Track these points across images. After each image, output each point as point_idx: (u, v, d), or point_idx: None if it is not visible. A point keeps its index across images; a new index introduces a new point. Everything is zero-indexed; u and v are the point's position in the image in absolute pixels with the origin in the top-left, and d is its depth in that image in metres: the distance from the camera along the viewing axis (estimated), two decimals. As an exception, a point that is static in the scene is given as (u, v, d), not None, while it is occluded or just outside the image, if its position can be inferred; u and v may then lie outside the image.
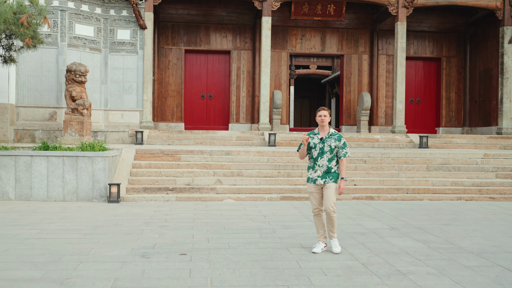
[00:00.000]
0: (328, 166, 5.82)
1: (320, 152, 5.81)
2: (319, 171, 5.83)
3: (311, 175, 5.91)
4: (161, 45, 17.49)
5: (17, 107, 13.94)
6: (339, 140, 5.86)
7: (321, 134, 5.90)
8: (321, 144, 5.82)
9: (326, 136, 5.85)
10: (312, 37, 18.33)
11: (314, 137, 5.93)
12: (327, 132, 5.89)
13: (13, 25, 10.02)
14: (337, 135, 5.90)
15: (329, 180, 5.81)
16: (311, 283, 4.62)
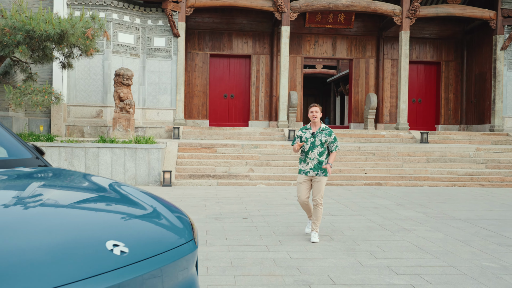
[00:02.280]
0: (319, 160, 6.14)
1: (311, 146, 6.13)
2: (311, 164, 6.15)
3: (302, 167, 6.23)
4: (189, 50, 19.45)
5: (68, 106, 15.93)
6: (330, 135, 6.16)
7: (312, 129, 6.21)
8: (312, 138, 6.14)
9: (317, 131, 6.16)
10: (324, 43, 20.29)
11: (306, 132, 6.24)
12: (319, 127, 6.20)
13: (81, 38, 11.99)
14: (328, 130, 6.20)
15: (321, 173, 6.16)
16: (344, 234, 6.62)
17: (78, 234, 1.94)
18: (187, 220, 2.54)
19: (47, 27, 11.15)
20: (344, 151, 14.10)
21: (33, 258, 1.66)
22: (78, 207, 2.31)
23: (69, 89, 15.89)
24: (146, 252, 2.03)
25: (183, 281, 2.27)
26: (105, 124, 16.00)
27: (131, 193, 2.64)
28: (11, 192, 2.36)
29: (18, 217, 1.97)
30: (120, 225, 2.16)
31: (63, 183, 2.70)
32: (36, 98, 11.57)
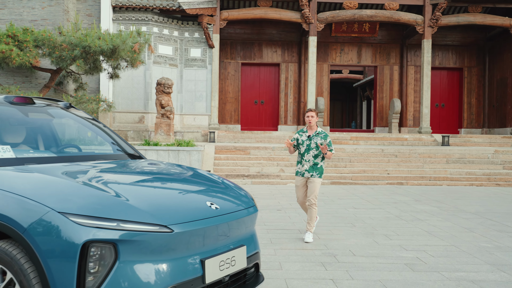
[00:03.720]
0: (314, 162, 6.33)
1: (307, 149, 6.34)
2: (306, 166, 6.35)
3: (299, 169, 6.43)
4: (222, 59, 20.76)
5: (114, 112, 17.41)
6: (325, 138, 6.35)
7: (309, 132, 6.43)
8: (308, 141, 6.35)
9: (313, 134, 6.37)
10: (349, 51, 21.34)
11: (302, 135, 6.45)
12: (315, 130, 6.41)
13: (129, 52, 13.39)
14: (323, 134, 6.39)
15: (316, 175, 6.34)
16: (365, 222, 7.72)
17: (191, 196, 3.20)
18: (249, 194, 3.76)
19: (101, 43, 12.59)
20: (368, 153, 15.14)
21: (175, 204, 2.92)
22: (184, 180, 3.58)
23: (114, 97, 17.37)
24: (229, 209, 3.24)
25: (249, 231, 3.49)
26: (147, 129, 17.41)
27: (210, 175, 3.88)
28: (137, 170, 3.63)
29: (158, 181, 3.24)
30: (212, 193, 3.40)
31: (162, 167, 3.95)
32: (91, 106, 13.02)
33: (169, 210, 2.89)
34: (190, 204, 3.10)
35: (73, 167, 3.41)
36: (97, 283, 2.58)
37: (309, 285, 4.50)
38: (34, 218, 2.64)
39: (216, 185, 3.66)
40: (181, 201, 3.15)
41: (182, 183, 3.60)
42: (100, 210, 2.67)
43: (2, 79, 15.29)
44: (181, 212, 2.93)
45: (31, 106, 4.11)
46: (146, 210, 2.78)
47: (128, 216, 2.70)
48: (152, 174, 3.73)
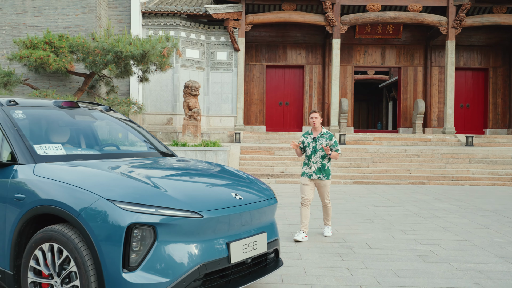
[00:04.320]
0: (322, 163, 6.37)
1: (313, 150, 6.38)
2: (314, 167, 6.39)
3: (306, 170, 6.47)
4: (247, 62, 21.24)
5: (143, 114, 18.07)
6: (330, 139, 6.39)
7: (314, 134, 6.46)
8: (314, 143, 6.38)
9: (318, 136, 6.39)
10: (373, 52, 21.56)
11: (307, 137, 6.49)
12: (319, 132, 6.43)
13: (159, 56, 13.98)
14: (329, 135, 6.41)
15: (323, 178, 6.40)
16: (383, 219, 8.06)
17: (218, 188, 3.69)
18: (270, 187, 4.19)
19: (132, 48, 13.21)
20: (391, 153, 15.39)
21: (204, 194, 3.39)
22: (212, 175, 4.05)
23: (144, 100, 18.02)
24: (251, 199, 3.68)
25: (269, 219, 3.94)
26: (175, 130, 18.01)
27: (234, 170, 4.33)
28: (171, 166, 4.11)
29: (190, 175, 3.73)
30: (236, 186, 3.85)
31: (192, 163, 4.42)
32: (122, 108, 13.65)
33: (199, 199, 3.35)
34: (217, 195, 3.57)
35: (116, 163, 3.91)
36: (139, 260, 3.05)
37: (325, 272, 4.91)
38: (86, 204, 3.13)
39: (240, 179, 4.12)
40: (209, 191, 3.62)
41: (210, 177, 4.08)
42: (142, 198, 3.15)
43: (39, 83, 16.10)
44: (209, 201, 3.39)
45: (76, 110, 4.64)
46: (180, 199, 3.25)
47: (165, 203, 3.17)
48: (184, 169, 4.21)
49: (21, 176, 3.55)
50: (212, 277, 3.32)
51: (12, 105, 4.14)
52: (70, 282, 3.17)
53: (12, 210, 3.49)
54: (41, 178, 3.45)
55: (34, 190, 3.42)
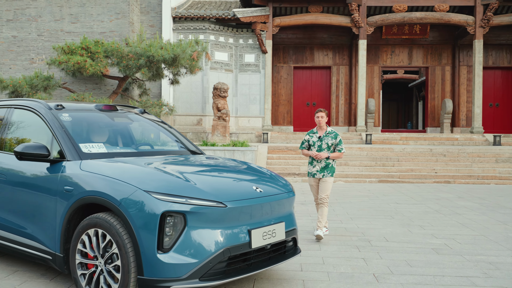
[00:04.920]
0: (326, 162, 6.36)
1: (318, 149, 6.36)
2: (318, 166, 6.37)
3: (310, 170, 6.47)
4: (275, 63, 21.66)
5: (174, 115, 18.70)
6: (335, 138, 6.38)
7: (319, 133, 6.45)
8: (319, 142, 6.37)
9: (323, 135, 6.39)
10: (400, 52, 21.67)
11: (313, 136, 6.48)
12: (325, 131, 6.42)
13: (189, 60, 14.54)
14: (334, 134, 6.41)
15: (327, 174, 6.37)
16: (404, 215, 8.35)
17: (241, 182, 4.13)
18: (288, 182, 4.61)
19: (163, 53, 13.81)
20: (417, 152, 15.55)
21: (228, 187, 3.84)
22: (236, 170, 4.50)
23: (174, 101, 18.66)
24: (270, 192, 4.11)
25: (288, 211, 4.36)
26: (204, 130, 18.58)
27: (257, 166, 4.77)
28: (199, 162, 4.57)
29: (216, 171, 4.19)
30: (258, 180, 4.29)
31: (219, 161, 4.87)
32: (154, 110, 14.26)
33: (223, 191, 3.80)
34: (240, 187, 4.01)
35: (150, 159, 4.40)
36: (172, 243, 3.52)
37: (342, 262, 5.29)
38: (126, 195, 3.62)
39: (262, 175, 4.55)
40: (233, 185, 4.07)
41: (234, 172, 4.53)
42: (174, 190, 3.62)
43: (76, 87, 16.90)
44: (232, 192, 3.84)
45: (115, 112, 5.16)
46: (207, 191, 3.71)
47: (194, 194, 3.63)
48: (211, 165, 4.67)
49: (69, 171, 4.07)
50: (235, 260, 3.76)
51: (60, 109, 4.68)
52: (113, 262, 3.66)
53: (62, 201, 4.01)
54: (87, 172, 3.96)
55: (80, 183, 3.92)
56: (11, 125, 4.92)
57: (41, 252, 4.20)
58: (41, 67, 16.98)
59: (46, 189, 4.15)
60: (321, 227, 6.36)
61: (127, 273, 3.54)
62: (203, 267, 3.52)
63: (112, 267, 3.65)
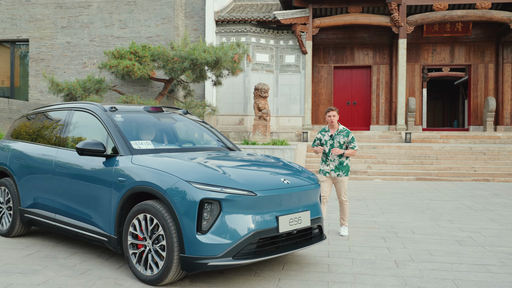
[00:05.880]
0: (340, 160, 6.37)
1: (330, 148, 6.39)
2: (331, 165, 6.39)
3: (323, 168, 6.48)
4: (315, 63, 22.02)
5: (217, 116, 19.40)
6: (347, 136, 6.40)
7: (331, 131, 6.48)
8: (331, 140, 6.40)
9: (335, 133, 6.42)
10: (442, 50, 21.57)
11: (324, 134, 6.51)
12: (337, 129, 6.44)
13: (230, 62, 15.16)
14: (345, 131, 6.43)
15: (342, 174, 6.40)
16: (435, 211, 8.64)
17: (270, 174, 4.66)
18: (315, 176, 5.09)
19: (206, 56, 14.49)
20: (456, 151, 15.59)
21: (258, 178, 4.37)
22: (267, 165, 5.03)
23: (217, 102, 19.37)
24: (296, 183, 4.62)
25: (313, 201, 4.84)
26: (246, 130, 19.19)
27: (287, 161, 5.28)
28: (234, 157, 5.13)
29: (249, 165, 4.74)
30: (286, 173, 4.80)
31: (253, 156, 5.41)
32: (198, 110, 14.98)
33: (254, 182, 4.33)
34: (269, 179, 4.54)
35: (192, 155, 4.99)
36: (209, 226, 4.07)
37: (367, 250, 5.72)
38: (170, 185, 4.21)
39: (291, 168, 5.06)
40: (263, 176, 4.60)
41: (265, 166, 5.06)
42: (211, 180, 4.18)
43: (124, 89, 17.87)
44: (262, 183, 4.37)
45: (161, 113, 5.80)
46: (240, 181, 4.25)
47: (228, 184, 4.18)
48: (245, 160, 5.22)
49: (122, 164, 4.71)
50: (265, 243, 4.27)
51: (113, 111, 5.34)
52: (159, 242, 4.26)
53: (116, 190, 4.65)
54: (137, 165, 4.58)
55: (132, 175, 4.55)
56: (72, 125, 5.63)
57: (98, 235, 4.86)
58: (93, 70, 18.05)
59: (103, 180, 4.81)
60: (345, 224, 6.53)
61: (171, 251, 4.13)
62: (236, 247, 4.06)
63: (159, 247, 4.25)
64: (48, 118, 6.19)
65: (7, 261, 5.07)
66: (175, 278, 4.26)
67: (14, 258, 5.21)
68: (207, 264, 4.03)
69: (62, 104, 6.09)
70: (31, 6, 18.79)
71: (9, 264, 4.96)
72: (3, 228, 6.18)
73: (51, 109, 6.20)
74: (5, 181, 6.19)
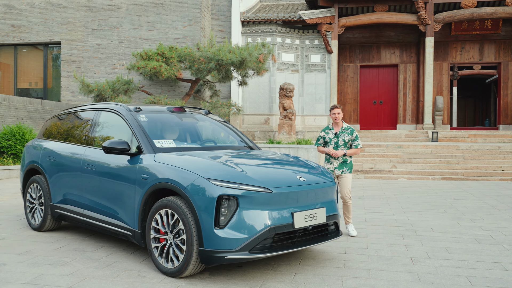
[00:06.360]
0: (344, 158, 6.41)
1: (334, 146, 6.42)
2: (335, 163, 6.43)
3: (326, 167, 6.48)
4: (341, 63, 22.01)
5: (243, 115, 19.62)
6: (352, 134, 6.42)
7: (335, 129, 6.48)
8: (336, 138, 6.42)
9: (339, 131, 6.43)
10: (470, 48, 21.27)
11: (329, 132, 6.51)
12: (341, 127, 6.45)
13: (255, 62, 15.34)
14: (350, 129, 6.44)
15: (346, 171, 6.43)
16: (457, 210, 8.62)
17: (287, 172, 4.81)
18: (331, 174, 5.22)
19: (231, 56, 14.71)
20: (483, 150, 15.39)
21: (275, 176, 4.53)
22: (285, 163, 5.19)
23: (243, 101, 19.58)
24: (312, 181, 4.76)
25: (329, 198, 4.97)
26: (271, 129, 19.35)
27: (305, 160, 5.42)
28: (253, 156, 5.31)
29: (267, 163, 4.91)
30: (303, 171, 4.94)
31: (271, 155, 5.57)
32: (223, 110, 15.22)
33: (270, 179, 4.50)
34: (285, 176, 4.69)
35: (212, 153, 5.18)
36: (226, 221, 4.25)
37: (384, 247, 5.81)
38: (190, 181, 4.41)
39: (308, 166, 5.20)
40: (279, 174, 4.76)
41: (282, 164, 5.22)
42: (229, 177, 4.36)
43: (152, 89, 18.27)
44: (278, 181, 4.52)
45: (183, 113, 6.02)
46: (256, 179, 4.42)
47: (245, 181, 4.35)
48: (262, 158, 5.38)
49: (145, 162, 4.94)
50: (281, 238, 4.43)
51: (138, 111, 5.59)
52: (179, 236, 4.46)
53: (139, 187, 4.88)
54: (159, 163, 4.80)
55: (154, 172, 4.77)
56: (99, 125, 5.90)
57: (123, 229, 5.10)
58: (122, 72, 18.51)
59: (127, 177, 5.05)
60: (349, 221, 6.49)
61: (190, 245, 4.32)
62: (252, 241, 4.23)
63: (179, 241, 4.46)
64: (77, 118, 6.49)
65: (38, 254, 5.37)
66: (195, 271, 4.46)
67: (45, 250, 5.51)
68: (224, 257, 4.21)
69: (90, 105, 6.38)
70: (63, 9, 19.38)
71: (40, 256, 5.25)
72: (35, 223, 6.51)
73: (80, 109, 6.50)
74: (37, 178, 6.52)
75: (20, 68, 20.48)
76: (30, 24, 19.69)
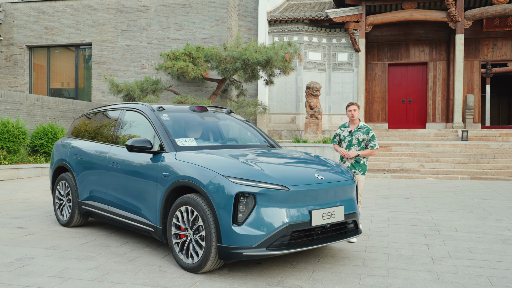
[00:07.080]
0: (357, 158, 6.21)
1: (348, 145, 6.25)
2: (348, 162, 6.26)
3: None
4: (369, 61, 21.82)
5: (269, 114, 19.68)
6: (367, 133, 6.19)
7: (350, 127, 6.31)
8: (350, 136, 6.24)
9: (354, 130, 6.24)
10: (503, 45, 20.78)
11: (344, 130, 6.34)
12: (357, 125, 6.26)
13: (281, 61, 15.38)
14: (366, 128, 6.20)
15: (358, 172, 6.23)
16: (484, 210, 8.48)
17: (305, 170, 4.86)
18: (350, 172, 5.24)
19: (257, 56, 14.79)
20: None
21: (293, 174, 4.58)
22: (304, 161, 5.23)
23: (270, 101, 19.64)
24: (330, 179, 4.79)
25: (348, 196, 4.99)
26: (298, 128, 19.35)
27: (323, 158, 5.45)
28: (272, 154, 5.37)
29: (286, 161, 4.97)
30: (321, 169, 4.98)
31: (291, 153, 5.62)
32: (249, 109, 15.31)
33: (288, 177, 4.55)
34: (302, 174, 4.74)
35: (232, 151, 5.26)
36: (244, 218, 4.33)
37: (405, 246, 5.78)
38: (209, 179, 4.50)
39: (327, 165, 5.23)
40: (297, 172, 4.81)
41: (301, 163, 5.26)
42: (247, 175, 4.43)
43: (180, 89, 18.51)
44: (296, 179, 4.57)
45: (205, 113, 6.12)
46: (274, 176, 4.48)
47: (263, 179, 4.42)
48: (282, 156, 5.43)
49: (167, 160, 5.06)
50: (299, 235, 4.47)
51: (160, 110, 5.72)
52: (199, 233, 4.56)
53: (161, 184, 5.00)
54: (180, 161, 4.91)
55: (175, 170, 4.88)
56: (124, 124, 6.06)
57: (146, 226, 5.24)
58: (150, 72, 18.82)
59: (149, 175, 5.18)
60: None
61: (209, 241, 4.42)
62: (270, 238, 4.29)
63: (199, 237, 4.55)
64: (103, 117, 6.68)
65: (65, 248, 5.56)
66: (214, 267, 4.55)
67: (72, 245, 5.70)
68: (242, 253, 4.28)
69: (115, 105, 6.56)
70: (93, 11, 19.83)
71: (67, 251, 5.44)
72: (64, 219, 6.72)
73: (106, 109, 6.69)
74: (65, 175, 6.74)
75: (52, 69, 21.06)
76: (62, 26, 20.22)
